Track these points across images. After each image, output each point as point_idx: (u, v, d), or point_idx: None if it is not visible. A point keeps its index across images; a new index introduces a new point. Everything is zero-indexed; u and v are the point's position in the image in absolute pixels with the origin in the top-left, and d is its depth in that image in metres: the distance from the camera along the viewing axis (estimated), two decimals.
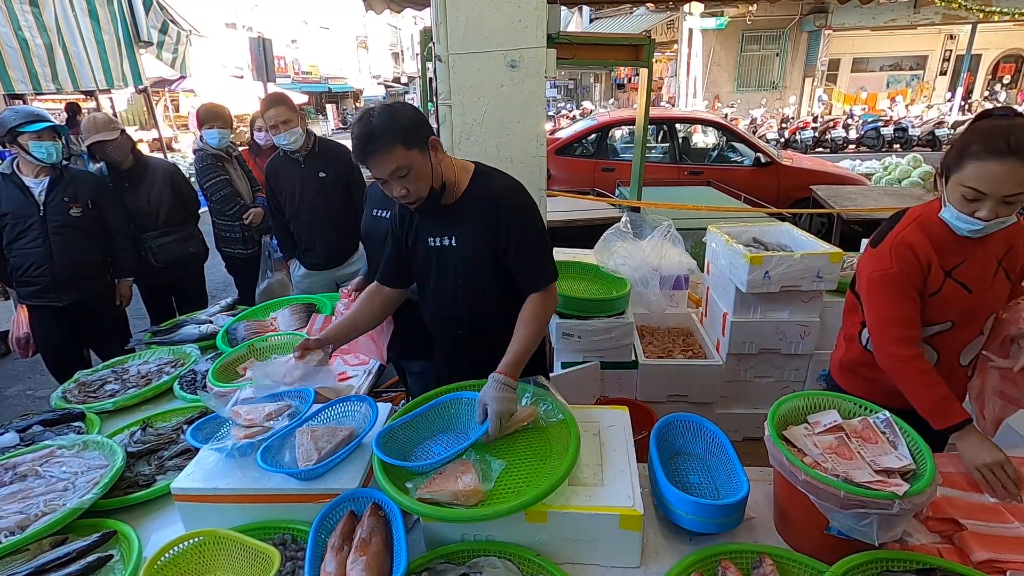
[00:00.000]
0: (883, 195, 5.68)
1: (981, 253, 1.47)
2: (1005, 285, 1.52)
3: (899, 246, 1.50)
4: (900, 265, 1.49)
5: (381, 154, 1.39)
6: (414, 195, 1.47)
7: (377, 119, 1.39)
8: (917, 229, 1.50)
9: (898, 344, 1.48)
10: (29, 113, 2.65)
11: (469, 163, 1.63)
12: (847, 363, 1.73)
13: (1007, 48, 18.71)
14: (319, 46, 30.19)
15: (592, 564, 1.22)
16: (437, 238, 1.61)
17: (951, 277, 1.47)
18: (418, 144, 1.42)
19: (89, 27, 5.58)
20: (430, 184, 1.47)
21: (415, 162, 1.42)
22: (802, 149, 14.04)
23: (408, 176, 1.42)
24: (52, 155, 2.63)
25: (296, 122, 2.93)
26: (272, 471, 1.30)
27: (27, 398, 3.94)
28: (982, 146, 1.29)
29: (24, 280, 2.76)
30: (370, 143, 1.38)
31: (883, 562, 1.09)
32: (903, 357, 1.47)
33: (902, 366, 1.47)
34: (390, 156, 1.39)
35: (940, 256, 1.47)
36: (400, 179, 1.43)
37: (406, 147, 1.40)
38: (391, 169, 1.40)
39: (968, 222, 1.36)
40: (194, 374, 2.10)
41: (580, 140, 7.41)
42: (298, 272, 3.28)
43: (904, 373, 1.47)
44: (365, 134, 1.39)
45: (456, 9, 2.66)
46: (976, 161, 1.30)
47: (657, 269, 2.78)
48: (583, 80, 28.83)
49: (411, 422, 1.45)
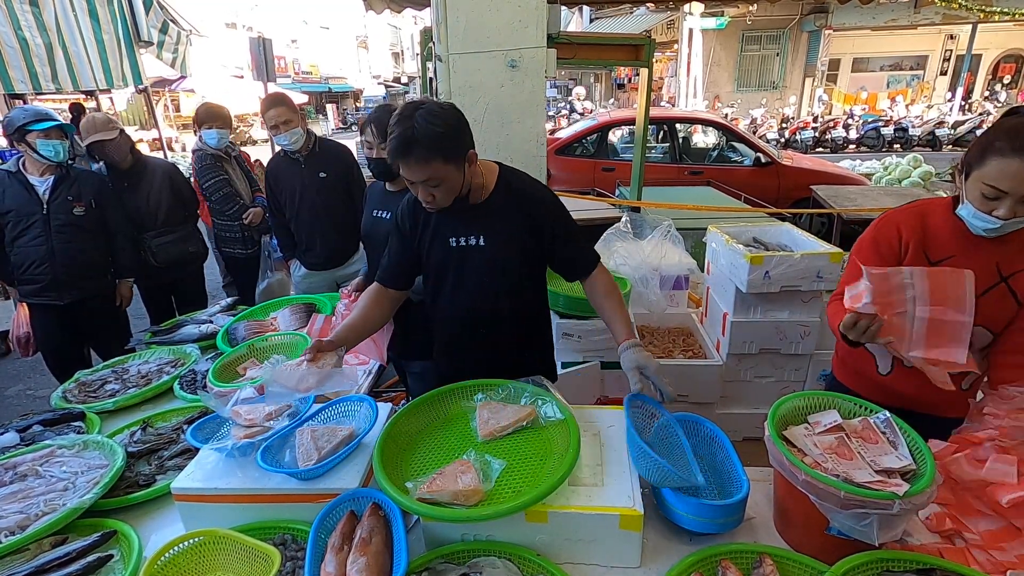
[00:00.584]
0: (883, 195, 5.68)
1: (976, 256, 1.42)
2: (1008, 304, 1.43)
3: (885, 219, 1.54)
4: (875, 234, 1.54)
5: (418, 162, 1.36)
6: (439, 204, 1.46)
7: (422, 124, 1.33)
8: (915, 212, 1.51)
9: (831, 304, 1.55)
10: (37, 112, 2.66)
11: (493, 163, 1.62)
12: (841, 354, 1.75)
13: (1007, 48, 18.71)
14: (319, 46, 30.23)
15: (592, 564, 1.22)
16: (461, 238, 1.59)
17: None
18: (457, 158, 1.40)
19: (89, 27, 5.58)
20: (457, 195, 1.47)
21: (450, 175, 1.40)
22: (802, 149, 14.04)
23: (439, 187, 1.41)
24: (59, 153, 2.65)
25: (296, 122, 2.94)
26: (272, 471, 1.30)
27: (27, 398, 3.95)
28: (1007, 143, 1.26)
29: (25, 278, 2.77)
30: (411, 149, 1.34)
31: (883, 562, 1.09)
32: (829, 312, 1.54)
33: (831, 316, 1.52)
34: (427, 167, 1.37)
35: (928, 245, 1.47)
36: (431, 188, 1.41)
37: (444, 160, 1.37)
38: (424, 177, 1.39)
39: (985, 220, 1.33)
40: (194, 374, 2.10)
41: (580, 140, 7.42)
42: (298, 272, 3.28)
43: (831, 319, 1.52)
44: (407, 138, 1.33)
45: (456, 9, 2.66)
46: (1000, 158, 1.27)
47: (657, 269, 2.78)
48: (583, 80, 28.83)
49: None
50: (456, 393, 1.55)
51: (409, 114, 1.35)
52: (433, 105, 1.39)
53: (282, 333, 2.31)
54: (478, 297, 1.63)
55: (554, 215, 1.61)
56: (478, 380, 1.56)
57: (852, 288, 1.35)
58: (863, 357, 1.65)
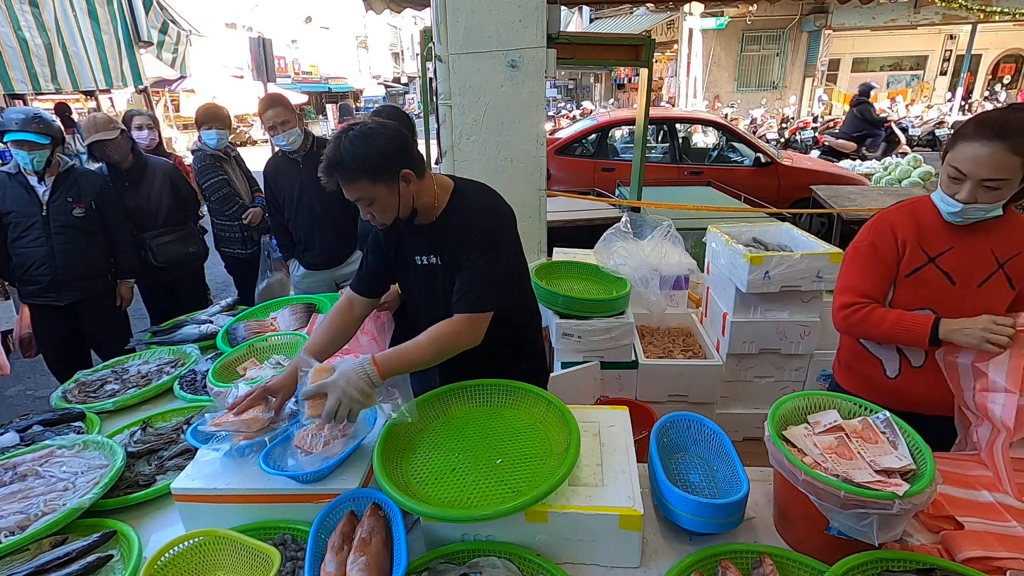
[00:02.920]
0: (883, 195, 5.67)
1: (973, 246, 1.45)
2: (1005, 291, 1.47)
3: (879, 221, 1.56)
4: (872, 237, 1.55)
5: (345, 182, 1.41)
6: (379, 221, 1.48)
7: (348, 146, 1.37)
8: (906, 210, 1.54)
9: (846, 310, 1.55)
10: (17, 119, 2.59)
11: (448, 180, 1.60)
12: (844, 358, 1.74)
13: (1007, 48, 18.71)
14: (319, 46, 30.19)
15: (592, 564, 1.22)
16: (424, 256, 1.61)
17: (935, 263, 1.48)
18: (385, 178, 1.40)
19: (89, 27, 5.58)
20: (396, 214, 1.47)
21: (379, 195, 1.42)
22: (802, 149, 14.03)
23: (372, 205, 1.44)
24: (28, 164, 2.62)
25: (294, 123, 2.94)
26: (275, 474, 1.30)
27: (27, 398, 3.95)
28: (973, 128, 1.34)
29: (26, 279, 2.78)
30: (336, 170, 1.39)
31: (883, 562, 1.09)
32: (856, 320, 1.53)
33: (863, 323, 1.52)
34: (354, 186, 1.41)
35: (925, 240, 1.49)
36: (364, 206, 1.45)
37: (370, 181, 1.39)
38: (354, 197, 1.43)
39: (949, 204, 1.40)
40: (194, 374, 2.10)
41: (580, 140, 7.41)
42: (297, 272, 3.28)
43: (869, 328, 1.52)
44: (332, 160, 1.39)
45: (456, 9, 2.66)
46: (964, 142, 1.35)
47: (657, 269, 2.78)
48: (583, 80, 28.83)
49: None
50: (456, 393, 1.55)
51: (339, 135, 1.41)
52: (365, 128, 1.42)
53: (282, 333, 2.31)
54: (450, 314, 1.57)
55: (476, 241, 1.50)
56: (478, 380, 1.56)
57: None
58: (869, 361, 1.64)
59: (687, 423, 1.51)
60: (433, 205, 1.54)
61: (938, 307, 1.48)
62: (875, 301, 1.54)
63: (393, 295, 2.13)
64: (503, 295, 1.54)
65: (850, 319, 1.55)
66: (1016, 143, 1.30)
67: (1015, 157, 1.30)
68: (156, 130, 3.75)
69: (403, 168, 1.42)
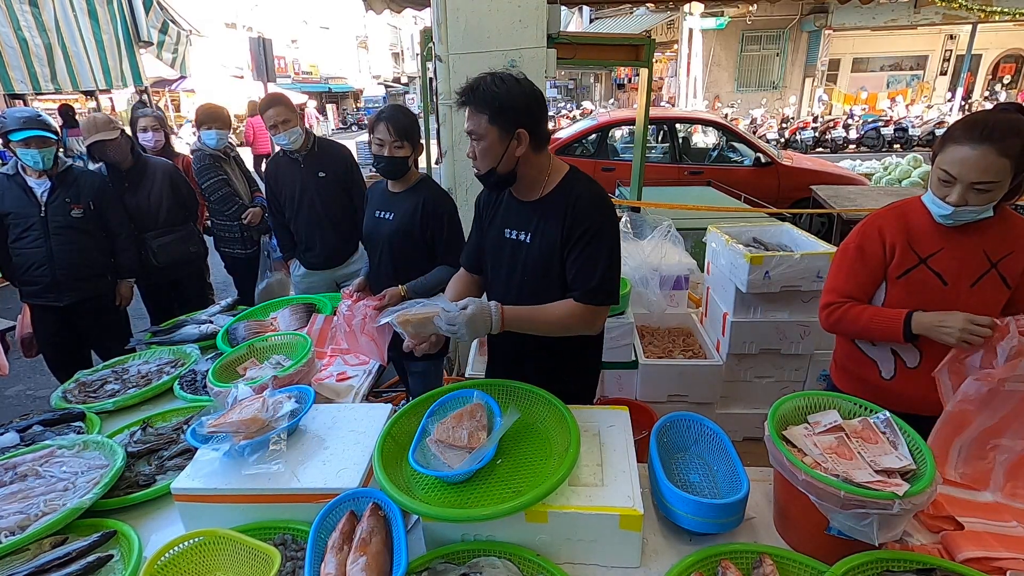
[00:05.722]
0: (883, 195, 5.68)
1: (964, 246, 1.45)
2: (999, 290, 1.46)
3: (867, 224, 1.57)
4: (859, 240, 1.57)
5: (469, 110, 1.45)
6: (478, 165, 1.51)
7: (489, 81, 1.43)
8: (895, 212, 1.55)
9: (827, 309, 1.60)
10: (19, 119, 2.60)
11: (565, 165, 1.60)
12: (840, 360, 1.75)
13: (1007, 48, 18.72)
14: (319, 46, 30.21)
15: (592, 564, 1.22)
16: (514, 231, 1.62)
17: (926, 264, 1.48)
18: (502, 124, 1.44)
19: (89, 27, 5.57)
20: (494, 167, 1.49)
21: (490, 137, 1.45)
22: (802, 149, 14.04)
23: (479, 143, 1.47)
24: (39, 162, 2.62)
25: (295, 122, 2.94)
26: (426, 473, 1.25)
27: (27, 398, 3.95)
28: (962, 131, 1.35)
29: (26, 279, 2.78)
30: (470, 96, 1.44)
31: (883, 562, 1.09)
32: (835, 319, 1.58)
33: (841, 321, 1.58)
34: (475, 117, 1.45)
35: (915, 241, 1.49)
36: (474, 140, 1.48)
37: (489, 120, 1.43)
38: (470, 128, 1.47)
39: (940, 206, 1.41)
40: (194, 374, 2.10)
41: (580, 140, 7.42)
42: (298, 272, 3.28)
43: (847, 324, 1.57)
44: (471, 86, 1.44)
45: (456, 9, 2.66)
46: (954, 145, 1.36)
47: (657, 269, 2.78)
48: (583, 80, 28.83)
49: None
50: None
51: (487, 73, 1.46)
52: (510, 75, 1.46)
53: (282, 333, 2.31)
54: (523, 295, 1.59)
55: (591, 227, 1.48)
56: (479, 380, 1.56)
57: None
58: (864, 363, 1.65)
59: (687, 423, 1.52)
60: (541, 182, 1.56)
61: (931, 308, 1.47)
62: (856, 301, 1.58)
63: (395, 296, 2.14)
64: (618, 290, 1.61)
65: (830, 318, 1.61)
66: (1004, 145, 1.30)
67: (1004, 159, 1.30)
68: (163, 131, 3.73)
69: (521, 126, 1.45)
